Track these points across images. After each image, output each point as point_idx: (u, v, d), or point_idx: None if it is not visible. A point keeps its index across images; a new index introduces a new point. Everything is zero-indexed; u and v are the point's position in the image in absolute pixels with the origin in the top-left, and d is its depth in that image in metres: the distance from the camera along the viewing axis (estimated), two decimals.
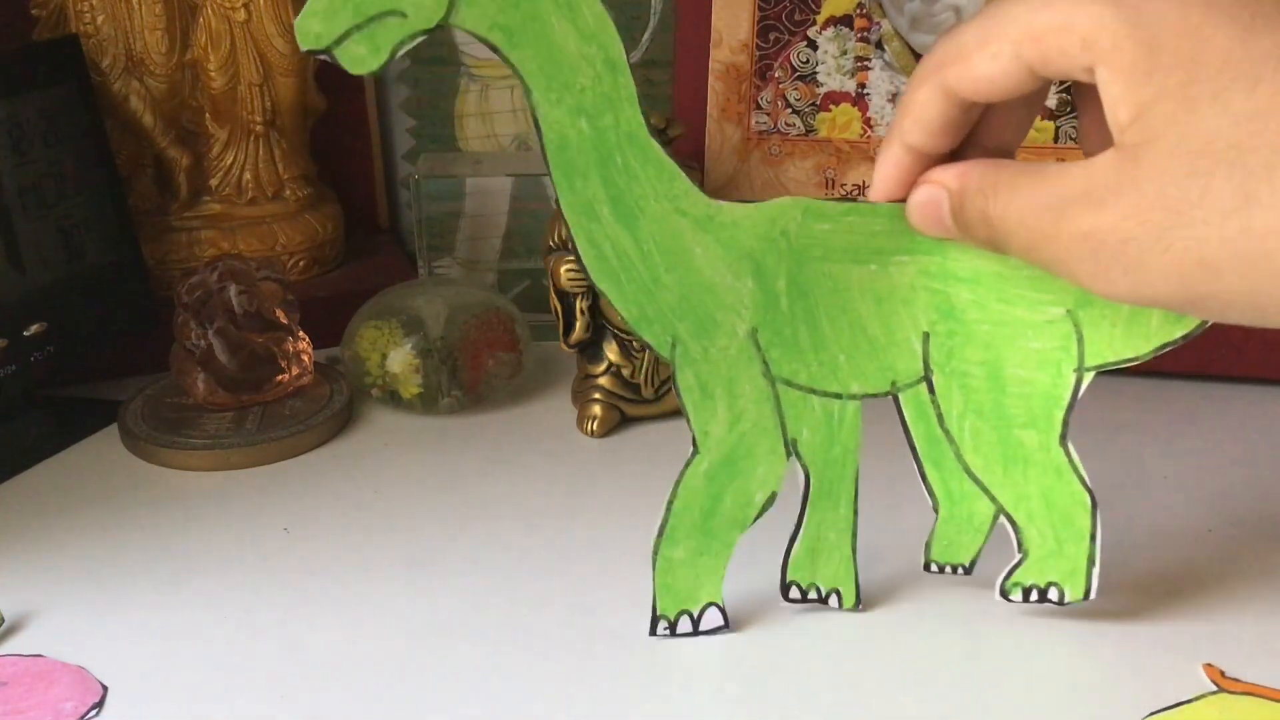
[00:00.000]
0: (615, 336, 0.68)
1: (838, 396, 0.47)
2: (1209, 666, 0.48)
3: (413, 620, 0.52)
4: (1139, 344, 0.45)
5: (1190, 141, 0.35)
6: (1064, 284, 0.43)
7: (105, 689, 0.48)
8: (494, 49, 0.40)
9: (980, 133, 0.42)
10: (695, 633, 0.49)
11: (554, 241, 0.67)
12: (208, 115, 0.78)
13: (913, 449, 0.50)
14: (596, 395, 0.68)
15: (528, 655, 0.50)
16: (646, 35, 0.84)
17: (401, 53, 0.39)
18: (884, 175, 0.42)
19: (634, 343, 0.67)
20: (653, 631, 0.49)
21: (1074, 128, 0.69)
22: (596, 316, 0.67)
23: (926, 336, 0.45)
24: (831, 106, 0.72)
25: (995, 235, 0.40)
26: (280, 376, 0.69)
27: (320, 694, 0.48)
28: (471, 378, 0.70)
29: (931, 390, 0.46)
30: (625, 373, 0.68)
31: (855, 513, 0.49)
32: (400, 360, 0.69)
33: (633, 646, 0.50)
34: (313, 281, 0.82)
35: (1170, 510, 0.59)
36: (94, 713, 0.47)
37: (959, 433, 0.46)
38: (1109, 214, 0.36)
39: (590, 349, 0.69)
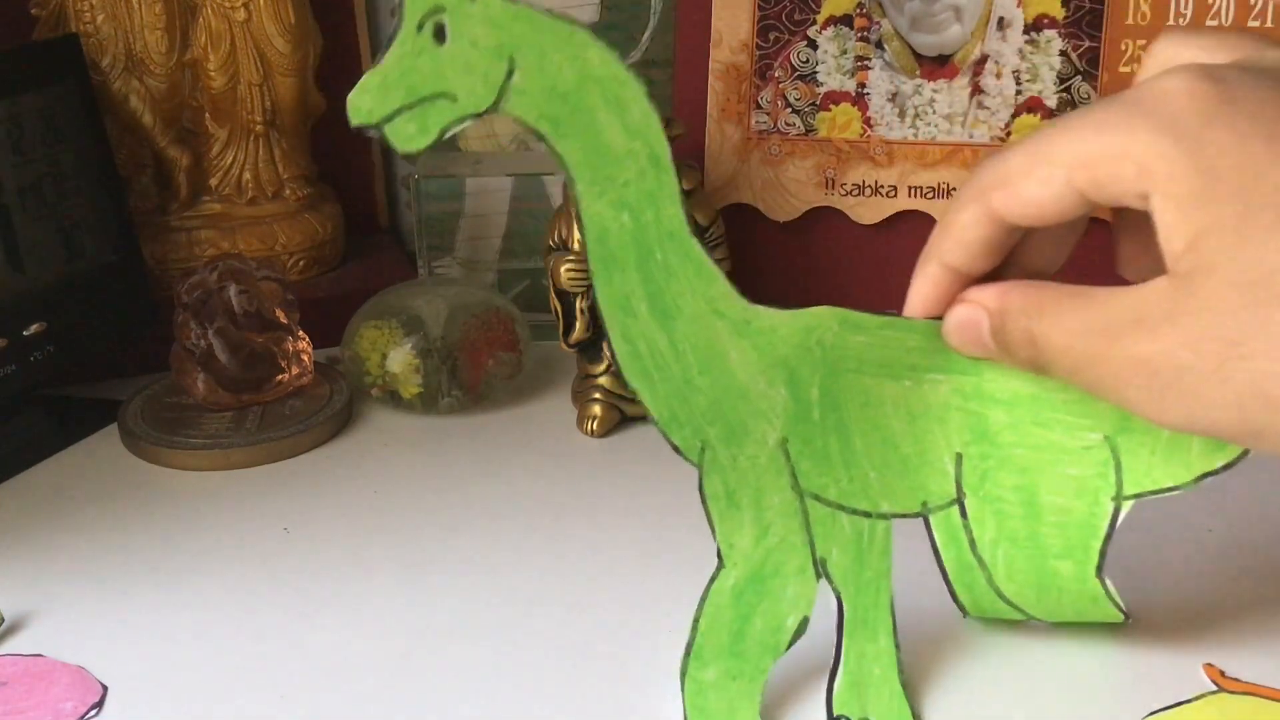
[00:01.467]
0: None
1: (867, 515, 0.45)
2: (1209, 666, 0.48)
3: (412, 620, 0.52)
4: (1179, 472, 0.43)
5: (1248, 273, 0.34)
6: (1103, 408, 0.42)
7: (105, 689, 0.48)
8: (540, 137, 0.40)
9: (1020, 253, 0.42)
10: None
11: (554, 241, 0.67)
12: (207, 115, 0.78)
13: (943, 571, 0.48)
14: (596, 395, 0.68)
15: (527, 655, 0.50)
16: (646, 34, 0.84)
17: (450, 134, 0.39)
18: (921, 293, 0.42)
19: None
20: None
21: None
22: (596, 316, 0.67)
23: (960, 458, 0.44)
24: (831, 106, 0.72)
25: (1039, 356, 0.39)
26: (280, 376, 0.69)
27: (320, 694, 0.48)
28: (472, 378, 0.70)
29: (964, 514, 0.45)
30: None
31: (897, 645, 0.46)
32: (400, 360, 0.69)
33: (633, 646, 0.50)
34: (313, 281, 0.82)
35: (1170, 510, 0.59)
36: (94, 713, 0.47)
37: (991, 560, 0.45)
38: (1164, 341, 0.36)
39: (590, 349, 0.69)
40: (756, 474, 0.43)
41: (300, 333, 0.70)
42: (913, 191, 0.72)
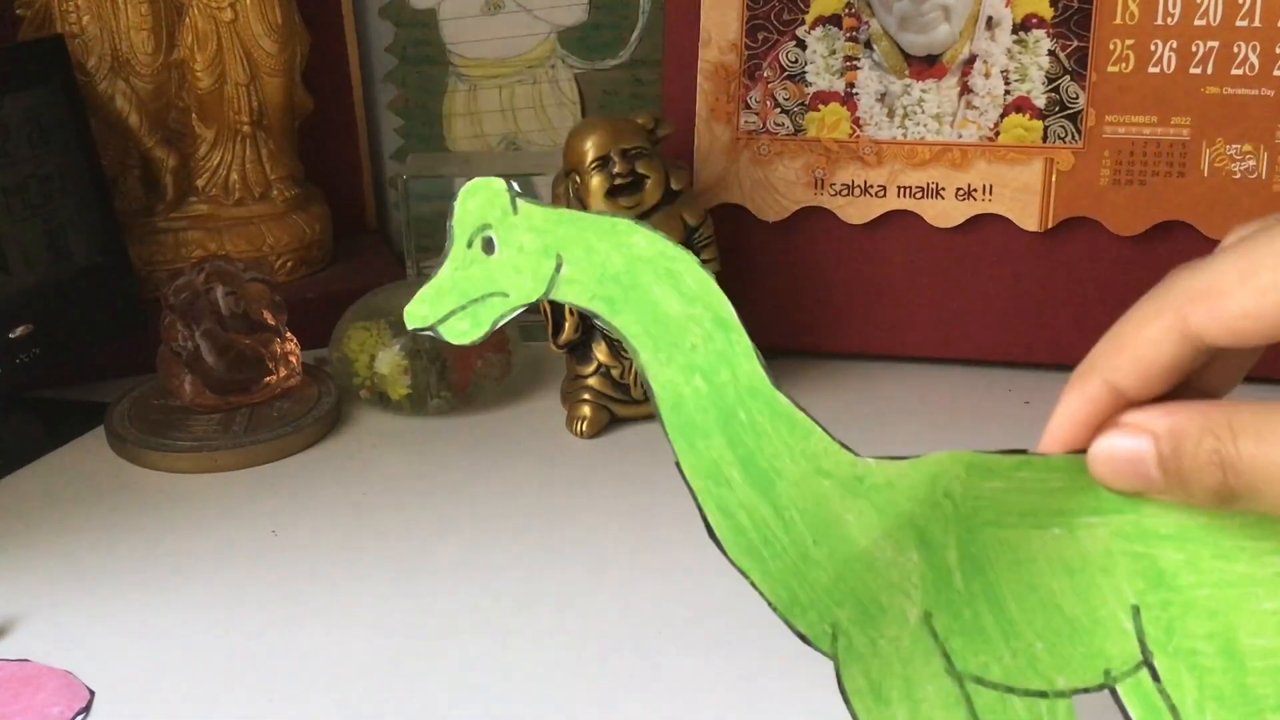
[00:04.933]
0: (604, 337, 0.68)
1: (1042, 695, 0.39)
2: None
3: (402, 623, 0.52)
4: None
5: None
6: None
7: (92, 693, 0.48)
8: (595, 317, 0.40)
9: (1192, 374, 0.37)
10: None
11: None
12: (194, 115, 0.78)
13: None
14: (586, 396, 0.68)
15: (517, 657, 0.50)
16: (635, 34, 0.84)
17: (502, 324, 0.38)
18: (1073, 419, 0.36)
19: (623, 344, 0.67)
20: None
21: (1063, 127, 0.70)
22: (585, 317, 0.67)
23: (1137, 611, 0.38)
24: (820, 106, 0.72)
25: (1235, 483, 0.34)
26: (268, 378, 0.69)
27: (309, 698, 0.48)
28: (460, 379, 0.70)
29: (1155, 677, 0.39)
30: (614, 373, 0.68)
31: None
32: (389, 361, 0.69)
33: (621, 648, 0.50)
34: (301, 282, 0.81)
35: None
36: (81, 717, 0.46)
37: None
38: None
39: (579, 350, 0.69)
40: (902, 659, 0.38)
41: (288, 334, 0.70)
42: (902, 191, 0.72)
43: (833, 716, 0.44)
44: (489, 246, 0.38)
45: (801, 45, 0.71)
